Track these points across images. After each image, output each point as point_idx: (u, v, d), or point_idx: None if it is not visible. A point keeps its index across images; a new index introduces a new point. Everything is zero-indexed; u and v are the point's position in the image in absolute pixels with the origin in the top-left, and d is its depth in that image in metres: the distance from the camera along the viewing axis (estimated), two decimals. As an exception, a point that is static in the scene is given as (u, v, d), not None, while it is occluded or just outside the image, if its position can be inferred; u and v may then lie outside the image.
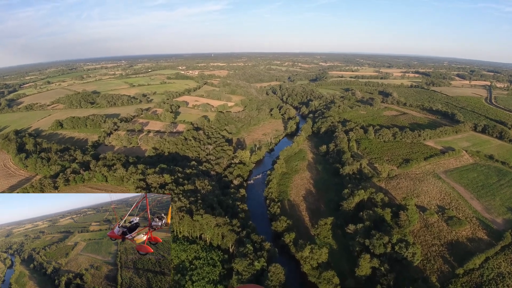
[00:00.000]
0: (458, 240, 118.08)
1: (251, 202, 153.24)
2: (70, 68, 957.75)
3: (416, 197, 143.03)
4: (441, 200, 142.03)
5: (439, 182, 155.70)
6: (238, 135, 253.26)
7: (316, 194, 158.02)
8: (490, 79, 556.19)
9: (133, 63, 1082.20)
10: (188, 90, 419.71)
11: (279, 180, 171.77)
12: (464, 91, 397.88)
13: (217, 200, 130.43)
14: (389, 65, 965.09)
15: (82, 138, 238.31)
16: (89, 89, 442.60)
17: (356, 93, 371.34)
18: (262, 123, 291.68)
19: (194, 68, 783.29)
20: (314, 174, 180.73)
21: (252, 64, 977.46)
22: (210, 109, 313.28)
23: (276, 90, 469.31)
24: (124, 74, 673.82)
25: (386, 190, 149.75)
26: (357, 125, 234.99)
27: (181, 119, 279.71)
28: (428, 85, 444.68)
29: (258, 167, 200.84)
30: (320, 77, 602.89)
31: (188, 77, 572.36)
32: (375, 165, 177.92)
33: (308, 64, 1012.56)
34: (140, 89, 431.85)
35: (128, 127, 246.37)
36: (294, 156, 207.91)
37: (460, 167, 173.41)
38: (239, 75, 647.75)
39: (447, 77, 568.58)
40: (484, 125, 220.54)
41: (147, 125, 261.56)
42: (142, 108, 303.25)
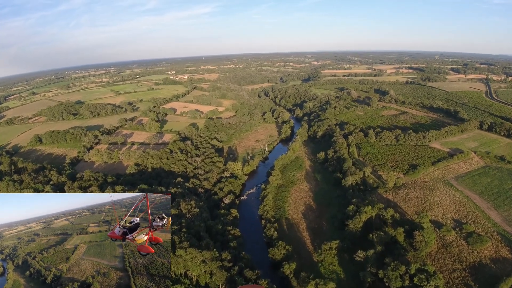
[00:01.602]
0: (481, 261, 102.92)
1: (244, 222, 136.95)
2: (58, 77, 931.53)
3: (429, 210, 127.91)
4: (456, 212, 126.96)
5: (451, 191, 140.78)
6: (230, 143, 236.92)
7: (317, 210, 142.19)
8: (485, 72, 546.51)
9: (122, 70, 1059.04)
10: (176, 96, 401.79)
11: (275, 195, 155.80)
12: (462, 85, 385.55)
13: (205, 226, 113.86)
14: (381, 62, 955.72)
15: (61, 155, 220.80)
16: (74, 99, 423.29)
17: (351, 93, 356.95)
18: (255, 128, 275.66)
19: (184, 72, 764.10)
20: (313, 185, 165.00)
21: (243, 65, 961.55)
22: (199, 116, 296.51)
23: (268, 92, 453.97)
24: (111, 82, 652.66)
25: (394, 203, 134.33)
26: (356, 128, 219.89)
27: (168, 128, 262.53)
28: (424, 81, 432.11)
29: (252, 179, 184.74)
30: (312, 76, 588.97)
31: (177, 82, 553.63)
32: (379, 173, 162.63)
33: (300, 63, 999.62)
34: (126, 97, 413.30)
35: (110, 140, 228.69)
36: (290, 164, 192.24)
37: (471, 171, 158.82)
38: (230, 77, 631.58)
39: (442, 72, 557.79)
40: (490, 123, 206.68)
41: (131, 137, 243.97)
42: (127, 118, 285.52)
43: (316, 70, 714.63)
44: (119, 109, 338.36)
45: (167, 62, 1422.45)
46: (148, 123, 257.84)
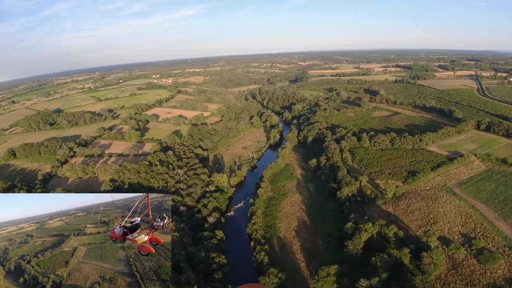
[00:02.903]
0: (495, 283, 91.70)
1: (231, 244, 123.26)
2: (40, 84, 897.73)
3: (434, 223, 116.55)
4: (463, 225, 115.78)
5: (455, 200, 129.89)
6: (215, 151, 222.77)
7: (311, 226, 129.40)
8: (473, 68, 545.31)
9: (107, 74, 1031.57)
10: (159, 101, 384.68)
11: (265, 209, 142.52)
12: (453, 83, 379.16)
13: (186, 254, 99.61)
14: (368, 61, 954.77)
15: (34, 170, 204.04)
16: (53, 107, 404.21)
17: (341, 93, 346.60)
18: (242, 134, 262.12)
19: (169, 76, 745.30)
20: (305, 196, 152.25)
21: (230, 67, 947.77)
22: (183, 122, 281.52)
23: (255, 95, 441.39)
24: (93, 87, 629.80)
25: (396, 217, 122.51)
26: (349, 132, 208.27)
27: (150, 136, 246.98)
28: (413, 79, 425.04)
29: (239, 190, 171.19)
30: (300, 77, 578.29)
31: (160, 86, 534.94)
32: (376, 181, 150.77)
33: (287, 64, 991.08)
34: (107, 104, 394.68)
35: (86, 152, 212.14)
36: (280, 173, 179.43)
37: (473, 176, 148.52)
38: (216, 80, 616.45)
39: (430, 69, 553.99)
40: (488, 123, 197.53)
41: (109, 147, 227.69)
42: (105, 127, 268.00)
43: (303, 70, 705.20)
44: (98, 117, 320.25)
45: (153, 66, 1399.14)
46: (127, 132, 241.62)
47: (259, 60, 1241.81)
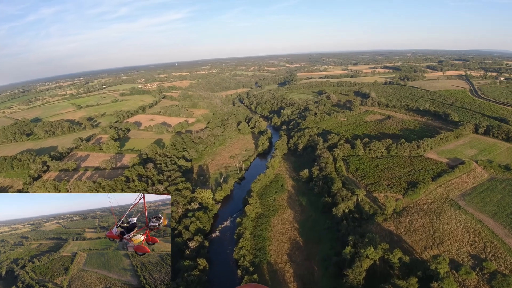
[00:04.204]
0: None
1: (216, 270, 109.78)
2: (23, 91, 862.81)
3: (440, 243, 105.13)
4: (472, 244, 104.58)
5: (460, 214, 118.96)
6: (200, 161, 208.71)
7: (305, 248, 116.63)
8: (462, 68, 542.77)
9: (92, 79, 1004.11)
10: (142, 107, 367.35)
11: (253, 229, 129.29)
12: (444, 84, 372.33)
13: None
14: (355, 62, 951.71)
15: (6, 186, 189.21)
16: (32, 116, 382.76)
17: (331, 97, 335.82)
18: (229, 141, 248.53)
19: (154, 80, 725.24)
20: (298, 212, 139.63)
21: (217, 71, 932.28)
22: (166, 130, 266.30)
23: (243, 99, 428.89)
24: (75, 94, 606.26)
25: (398, 237, 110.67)
26: (341, 138, 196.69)
27: (130, 146, 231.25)
28: (403, 80, 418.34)
29: (226, 206, 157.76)
30: (288, 80, 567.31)
31: (145, 91, 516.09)
32: (374, 194, 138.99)
33: (275, 66, 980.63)
34: (88, 111, 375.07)
35: (60, 167, 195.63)
36: (269, 185, 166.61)
37: (476, 186, 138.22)
38: (202, 84, 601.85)
39: (419, 70, 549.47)
40: (487, 126, 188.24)
41: (86, 160, 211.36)
42: (83, 137, 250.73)
43: (291, 73, 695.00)
44: (77, 126, 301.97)
45: (139, 70, 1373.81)
46: (105, 142, 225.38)
47: (246, 63, 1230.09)
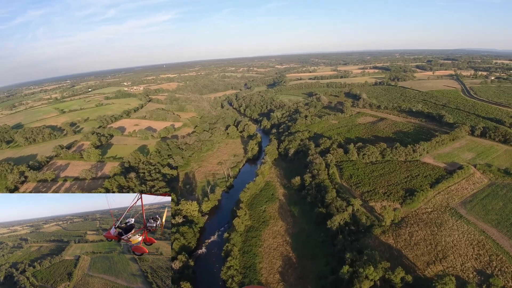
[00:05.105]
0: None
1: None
2: (9, 95, 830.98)
3: (443, 258, 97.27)
4: (477, 258, 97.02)
5: (462, 225, 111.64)
6: (187, 168, 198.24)
7: (298, 265, 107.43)
8: (451, 67, 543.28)
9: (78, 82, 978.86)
10: (127, 111, 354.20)
11: (243, 244, 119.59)
12: (435, 84, 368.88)
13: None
14: (345, 62, 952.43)
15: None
16: (14, 122, 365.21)
17: (321, 98, 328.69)
18: (217, 146, 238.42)
19: (141, 83, 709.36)
20: (290, 224, 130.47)
21: (206, 73, 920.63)
22: (151, 135, 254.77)
23: (232, 101, 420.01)
24: (60, 98, 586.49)
25: (398, 252, 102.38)
26: (334, 142, 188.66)
27: (112, 154, 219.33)
28: (393, 81, 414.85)
29: (213, 217, 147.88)
30: (278, 81, 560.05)
31: (131, 94, 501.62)
32: (370, 203, 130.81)
33: (264, 68, 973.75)
34: (71, 116, 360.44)
35: (39, 177, 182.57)
36: (259, 194, 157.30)
37: (477, 193, 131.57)
38: (190, 86, 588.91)
39: (408, 70, 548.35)
40: (483, 128, 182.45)
41: (66, 169, 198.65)
42: (63, 144, 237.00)
43: (281, 74, 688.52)
44: (58, 132, 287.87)
45: (127, 72, 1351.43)
46: (86, 150, 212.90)
47: (235, 64, 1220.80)
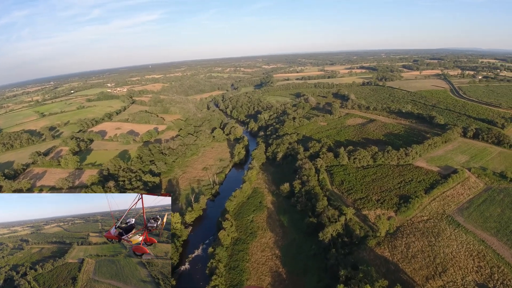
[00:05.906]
0: None
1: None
2: None
3: (443, 272, 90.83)
4: (478, 271, 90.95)
5: (461, 234, 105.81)
6: (170, 175, 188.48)
7: (289, 281, 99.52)
8: (438, 67, 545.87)
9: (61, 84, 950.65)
10: (109, 114, 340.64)
11: (229, 259, 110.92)
12: (422, 84, 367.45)
13: None
14: (331, 63, 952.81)
15: None
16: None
17: (309, 99, 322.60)
18: (202, 150, 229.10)
19: (125, 84, 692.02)
20: (279, 235, 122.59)
21: (192, 73, 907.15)
22: (133, 140, 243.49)
23: (218, 102, 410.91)
24: (41, 100, 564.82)
25: (395, 265, 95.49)
26: (323, 146, 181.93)
27: (92, 160, 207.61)
28: (381, 81, 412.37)
29: (198, 228, 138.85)
30: (265, 82, 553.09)
31: (114, 96, 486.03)
32: (363, 212, 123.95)
33: (251, 68, 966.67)
34: (51, 120, 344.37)
35: (13, 187, 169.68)
36: (247, 202, 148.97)
37: (473, 198, 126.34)
38: (176, 87, 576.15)
39: (395, 70, 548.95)
40: (475, 129, 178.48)
41: (42, 178, 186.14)
42: (41, 150, 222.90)
43: (268, 74, 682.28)
44: (37, 137, 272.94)
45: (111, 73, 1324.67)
46: (63, 157, 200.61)
47: (222, 65, 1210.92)
